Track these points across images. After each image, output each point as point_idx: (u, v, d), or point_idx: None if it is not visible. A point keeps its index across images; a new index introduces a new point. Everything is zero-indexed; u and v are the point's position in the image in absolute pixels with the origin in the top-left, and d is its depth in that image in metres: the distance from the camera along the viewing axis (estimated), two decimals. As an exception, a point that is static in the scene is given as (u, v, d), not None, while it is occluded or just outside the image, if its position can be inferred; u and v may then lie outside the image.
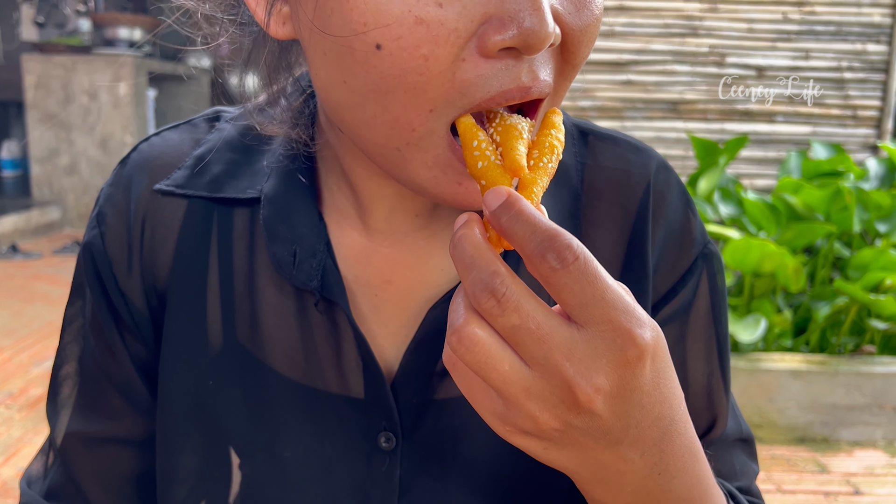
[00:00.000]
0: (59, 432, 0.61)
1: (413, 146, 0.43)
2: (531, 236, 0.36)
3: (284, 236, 0.55)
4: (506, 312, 0.36)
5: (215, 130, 0.61)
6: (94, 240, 0.59)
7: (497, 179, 0.40)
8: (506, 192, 0.38)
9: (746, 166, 4.59)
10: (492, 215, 0.38)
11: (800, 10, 4.51)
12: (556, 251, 0.35)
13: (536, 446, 0.39)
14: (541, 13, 0.39)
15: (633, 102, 4.62)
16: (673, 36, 4.56)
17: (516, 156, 0.41)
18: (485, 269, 0.36)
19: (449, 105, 0.42)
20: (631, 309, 0.36)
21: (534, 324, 0.36)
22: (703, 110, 4.60)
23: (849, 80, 4.56)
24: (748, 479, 0.63)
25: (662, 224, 0.60)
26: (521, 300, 0.36)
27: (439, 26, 0.39)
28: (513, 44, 0.40)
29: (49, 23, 5.81)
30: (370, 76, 0.41)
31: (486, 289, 0.36)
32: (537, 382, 0.36)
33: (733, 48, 4.55)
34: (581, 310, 0.36)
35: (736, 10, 4.52)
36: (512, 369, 0.36)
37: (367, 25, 0.40)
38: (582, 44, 0.44)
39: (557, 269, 0.35)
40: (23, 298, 3.84)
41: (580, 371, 0.36)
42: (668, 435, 0.40)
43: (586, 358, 0.36)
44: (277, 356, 0.56)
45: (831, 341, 2.83)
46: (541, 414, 0.37)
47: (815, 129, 4.60)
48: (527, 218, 0.37)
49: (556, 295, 0.36)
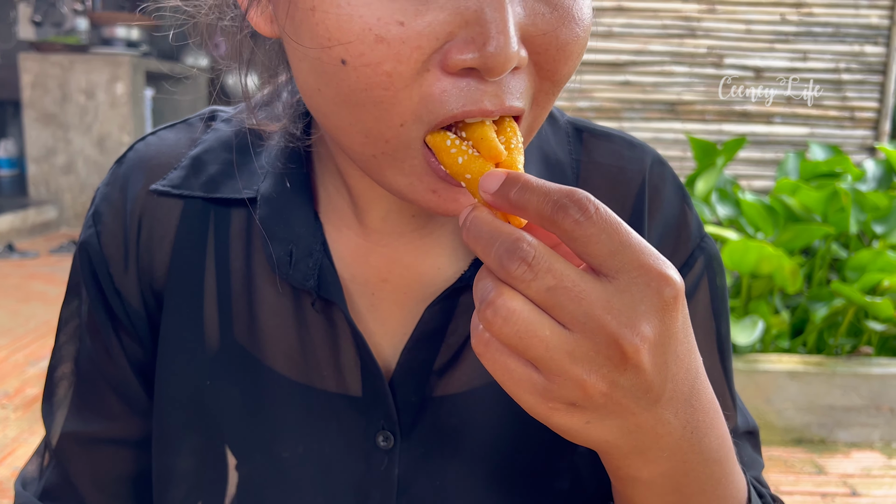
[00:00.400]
0: (54, 433, 0.61)
1: (388, 155, 0.43)
2: (546, 198, 0.36)
3: (281, 236, 0.55)
4: (539, 275, 0.35)
5: (212, 130, 0.61)
6: (91, 239, 0.58)
7: (482, 168, 0.40)
8: (503, 172, 0.38)
9: (744, 167, 4.60)
10: (497, 195, 0.37)
11: (798, 12, 4.51)
12: (577, 203, 0.35)
13: (579, 420, 0.38)
14: (505, 36, 0.38)
15: (631, 103, 4.63)
16: (671, 37, 4.56)
17: (492, 143, 0.41)
18: (507, 238, 0.36)
19: (418, 121, 0.41)
20: (655, 252, 0.36)
21: (569, 282, 0.35)
22: (700, 111, 4.61)
23: (846, 82, 4.57)
24: (756, 472, 0.63)
25: (658, 218, 0.59)
26: (551, 260, 0.35)
27: (400, 44, 0.39)
28: (473, 65, 0.39)
29: (46, 22, 5.80)
30: (340, 88, 0.41)
31: (513, 256, 0.35)
32: (581, 343, 0.35)
33: (731, 49, 4.56)
34: (611, 258, 0.35)
35: (734, 11, 4.53)
36: (553, 334, 0.35)
37: (331, 41, 0.40)
38: (559, 62, 0.43)
39: (582, 220, 0.35)
40: (19, 298, 3.83)
41: (623, 322, 0.35)
42: (695, 389, 0.40)
43: (626, 308, 0.35)
44: (275, 355, 0.56)
45: (828, 342, 2.84)
46: (588, 377, 0.35)
47: (812, 130, 4.60)
48: (536, 185, 0.36)
49: (584, 248, 0.35)
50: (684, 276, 0.60)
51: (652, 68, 4.59)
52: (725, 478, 0.45)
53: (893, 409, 2.58)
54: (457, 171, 0.41)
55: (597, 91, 4.60)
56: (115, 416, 0.60)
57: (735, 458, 0.47)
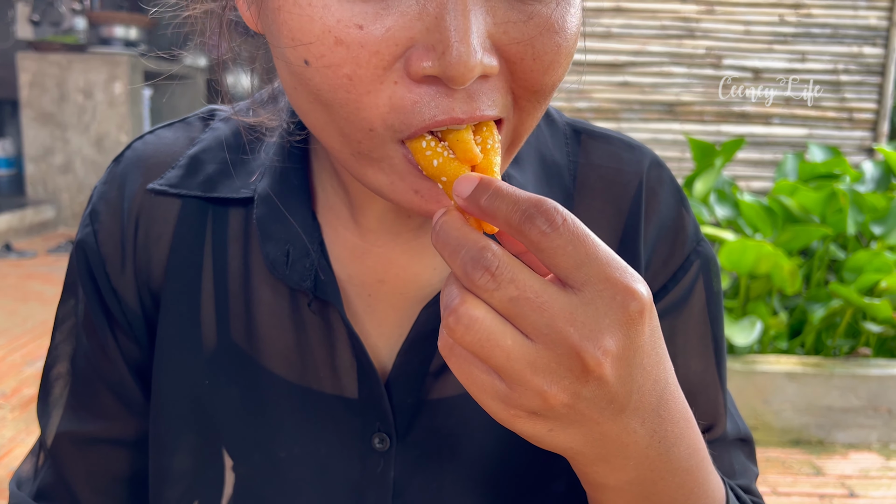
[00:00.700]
0: (49, 432, 0.60)
1: (364, 156, 0.43)
2: (515, 206, 0.36)
3: (278, 236, 0.55)
4: (501, 285, 0.35)
5: (210, 129, 0.61)
6: (88, 238, 0.58)
7: (457, 171, 0.40)
8: (476, 177, 0.38)
9: (743, 168, 4.60)
10: (468, 201, 0.37)
11: (796, 13, 4.52)
12: (545, 214, 0.35)
13: (542, 428, 0.38)
14: (465, 45, 0.37)
15: (630, 104, 4.63)
16: (669, 38, 4.56)
17: (468, 146, 0.41)
18: (472, 246, 0.36)
19: (389, 129, 0.41)
20: (623, 265, 0.36)
21: (532, 292, 0.35)
22: (699, 112, 4.61)
23: (845, 83, 4.57)
24: (748, 480, 0.62)
25: (654, 220, 0.59)
26: (515, 271, 0.35)
27: (359, 48, 0.38)
28: (433, 73, 0.38)
29: (44, 21, 5.79)
30: (309, 87, 0.41)
31: (477, 265, 0.35)
32: (542, 354, 0.35)
33: (730, 50, 4.56)
34: (577, 271, 0.35)
35: (732, 12, 4.53)
36: (515, 344, 0.35)
37: (294, 41, 0.40)
38: (538, 72, 0.41)
39: (548, 232, 0.35)
40: (16, 298, 3.82)
41: (585, 335, 0.35)
42: (664, 399, 0.40)
43: (589, 320, 0.35)
44: (272, 356, 0.56)
45: (826, 344, 2.84)
46: (549, 388, 0.35)
47: (811, 131, 4.61)
48: (506, 192, 0.36)
49: (550, 259, 0.35)
50: (680, 279, 0.59)
51: (650, 69, 4.59)
52: (698, 487, 0.45)
53: (891, 411, 2.59)
54: (433, 173, 0.41)
55: (595, 92, 4.60)
56: (110, 415, 0.59)
57: (711, 468, 0.47)
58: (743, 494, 0.58)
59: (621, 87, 4.60)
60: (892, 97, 4.59)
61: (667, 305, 0.59)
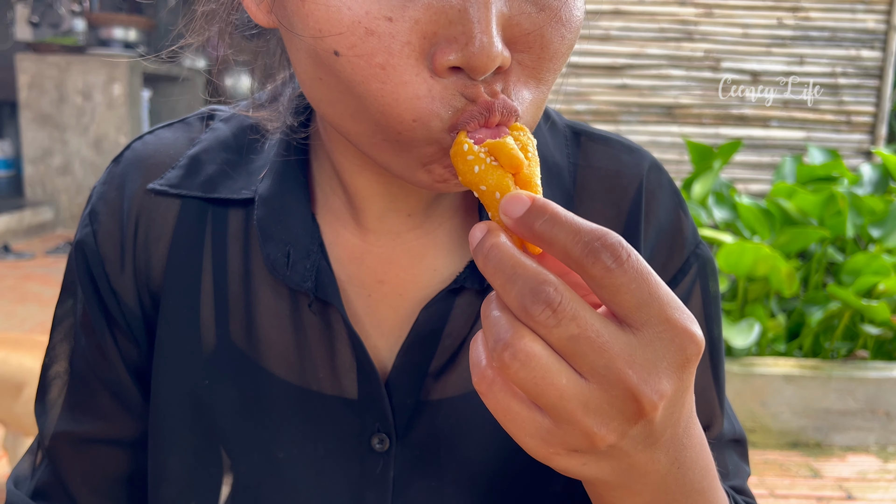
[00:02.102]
0: (47, 432, 0.60)
1: (401, 144, 0.43)
2: (576, 238, 0.34)
3: (279, 237, 0.55)
4: (562, 322, 0.33)
5: (210, 129, 0.61)
6: (87, 238, 0.58)
7: (500, 180, 0.39)
8: (527, 197, 0.36)
9: (741, 171, 4.60)
10: (519, 223, 0.36)
11: (794, 16, 4.53)
12: (610, 249, 0.34)
13: (576, 463, 0.37)
14: (488, 35, 0.38)
15: (629, 106, 4.63)
16: (668, 40, 4.57)
17: (512, 151, 0.39)
18: (532, 278, 0.34)
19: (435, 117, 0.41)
20: (681, 305, 0.35)
21: (593, 331, 0.34)
22: (697, 114, 4.62)
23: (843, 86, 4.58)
24: (741, 480, 0.63)
25: (654, 223, 0.59)
26: (577, 308, 0.34)
27: (390, 38, 0.39)
28: (457, 63, 0.39)
29: (43, 22, 5.79)
30: (339, 77, 0.41)
31: (537, 299, 0.33)
32: (596, 395, 0.34)
33: (728, 53, 4.57)
34: (638, 310, 0.34)
35: (731, 14, 4.54)
36: (570, 383, 0.34)
37: (323, 32, 0.40)
38: (544, 60, 0.43)
39: (613, 268, 0.33)
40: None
41: (643, 378, 0.34)
42: (688, 428, 0.40)
43: (648, 363, 0.34)
44: (271, 357, 0.56)
45: (824, 346, 2.84)
46: (598, 429, 0.35)
47: (809, 134, 4.61)
48: (565, 220, 0.35)
49: (612, 297, 0.34)
50: (679, 282, 0.60)
51: (649, 71, 4.59)
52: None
53: (889, 413, 2.59)
54: (471, 179, 0.39)
55: (594, 94, 4.60)
56: (108, 415, 0.59)
57: (719, 485, 0.47)
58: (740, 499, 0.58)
59: (620, 90, 4.61)
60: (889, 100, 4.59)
61: None
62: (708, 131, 4.61)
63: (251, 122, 0.60)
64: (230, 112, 0.62)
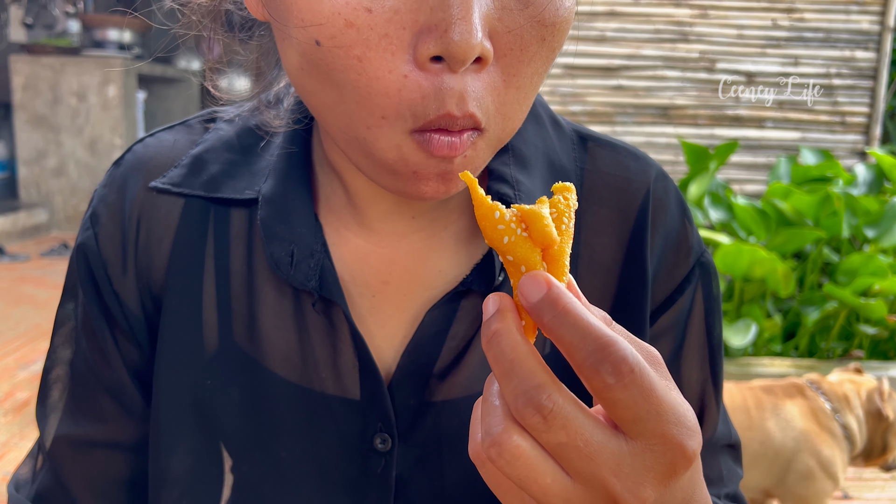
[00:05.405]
0: (47, 436, 0.60)
1: (370, 143, 0.44)
2: (581, 343, 0.34)
3: (282, 237, 0.55)
4: (552, 429, 0.34)
5: (212, 131, 0.61)
6: (88, 241, 0.58)
7: (527, 255, 0.37)
8: (545, 283, 0.36)
9: (736, 171, 4.62)
10: (533, 309, 0.36)
11: (789, 17, 4.54)
12: (612, 364, 0.34)
13: None
14: (467, 23, 0.38)
15: (624, 107, 4.64)
16: (663, 41, 4.58)
17: (545, 228, 0.37)
18: (528, 379, 0.35)
19: (400, 119, 0.42)
20: (682, 419, 0.35)
21: (581, 441, 0.34)
22: (693, 115, 4.63)
23: (838, 87, 4.60)
24: (734, 485, 0.63)
25: (661, 232, 0.59)
26: (568, 416, 0.34)
27: (369, 30, 0.39)
28: (437, 52, 0.39)
29: (38, 24, 5.78)
30: (320, 67, 0.42)
31: (529, 403, 0.34)
32: (579, 495, 0.35)
33: (723, 54, 4.59)
34: (633, 424, 0.34)
35: (726, 16, 4.56)
36: (554, 482, 0.35)
37: (304, 21, 0.41)
38: (522, 63, 0.42)
39: (612, 384, 0.34)
40: (9, 301, 3.81)
41: (627, 486, 0.34)
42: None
43: (634, 472, 0.35)
44: (274, 357, 0.56)
45: (820, 346, 2.85)
46: None
47: (804, 134, 4.63)
48: (574, 320, 0.35)
49: (610, 408, 0.34)
50: (684, 290, 0.60)
51: (644, 73, 4.60)
52: None
53: (885, 413, 2.60)
54: (498, 246, 0.38)
55: (589, 95, 4.61)
56: (109, 419, 0.59)
57: None
58: None
59: (615, 91, 4.62)
60: (884, 101, 4.61)
61: (673, 318, 0.59)
62: (703, 132, 4.63)
63: (254, 123, 0.60)
64: (233, 113, 0.62)
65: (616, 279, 0.58)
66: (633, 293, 0.57)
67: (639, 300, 0.57)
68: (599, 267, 0.58)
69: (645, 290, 0.58)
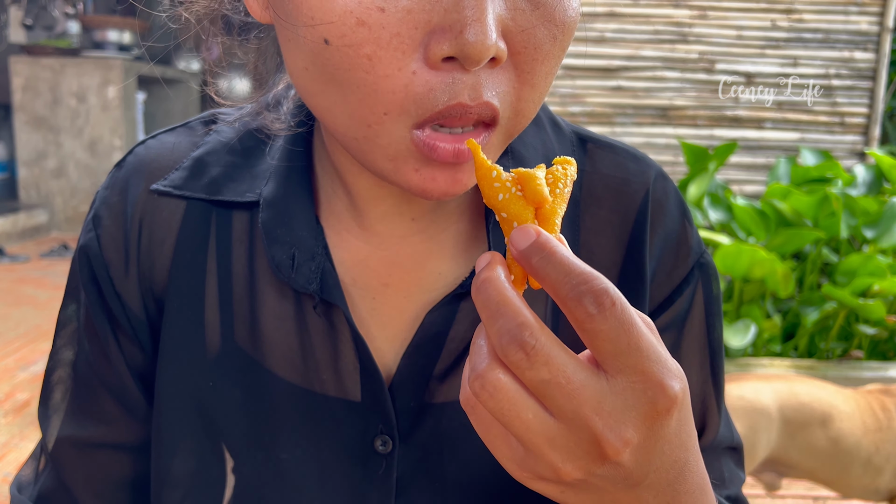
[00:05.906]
0: (50, 437, 0.60)
1: (371, 140, 0.44)
2: (565, 279, 0.35)
3: (283, 240, 0.55)
4: (535, 366, 0.35)
5: (213, 133, 0.61)
6: (91, 243, 0.58)
7: (520, 212, 0.39)
8: (534, 232, 0.37)
9: (736, 172, 4.62)
10: (520, 255, 0.37)
11: (788, 18, 4.55)
12: (594, 295, 0.34)
13: (553, 490, 0.39)
14: (482, 24, 0.39)
15: (623, 108, 4.65)
16: (663, 42, 4.58)
17: (538, 186, 0.39)
18: (512, 319, 0.35)
19: (404, 114, 0.42)
20: (662, 359, 0.36)
21: (563, 378, 0.35)
22: (692, 116, 4.63)
23: (837, 88, 4.60)
24: (736, 487, 0.63)
25: (660, 233, 0.60)
26: (550, 353, 0.35)
27: (380, 29, 0.40)
28: (452, 53, 0.40)
29: (37, 25, 5.78)
30: (325, 66, 0.42)
31: (513, 340, 0.35)
32: (562, 434, 0.36)
33: (723, 55, 4.59)
34: (614, 358, 0.35)
35: (725, 17, 4.56)
36: (536, 419, 0.36)
37: (314, 20, 0.41)
38: (537, 61, 0.43)
39: (594, 314, 0.34)
40: (9, 302, 3.81)
41: (609, 424, 0.35)
42: (682, 475, 0.40)
43: (616, 411, 0.35)
44: (276, 359, 0.56)
45: (820, 346, 2.85)
46: (563, 465, 0.36)
47: (803, 135, 4.63)
48: (559, 260, 0.36)
49: (591, 341, 0.35)
50: (683, 291, 0.60)
51: (644, 73, 4.61)
52: None
53: (884, 413, 2.60)
54: (494, 204, 0.40)
55: (589, 96, 4.62)
56: (111, 420, 0.59)
57: None
58: None
59: (615, 92, 4.62)
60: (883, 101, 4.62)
61: (672, 318, 0.60)
62: (702, 132, 4.63)
63: (255, 126, 0.60)
64: (234, 115, 0.62)
65: (615, 280, 0.58)
66: (631, 294, 0.57)
67: (638, 301, 0.58)
68: (598, 267, 0.58)
69: (644, 291, 0.58)
